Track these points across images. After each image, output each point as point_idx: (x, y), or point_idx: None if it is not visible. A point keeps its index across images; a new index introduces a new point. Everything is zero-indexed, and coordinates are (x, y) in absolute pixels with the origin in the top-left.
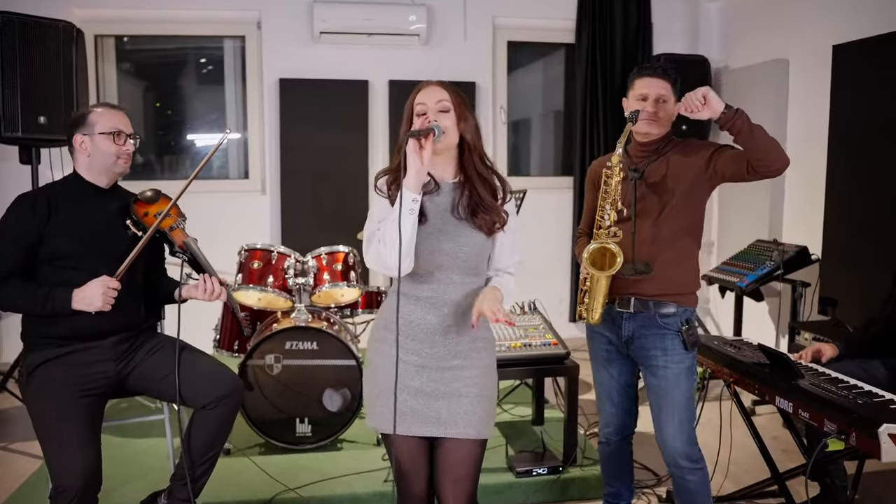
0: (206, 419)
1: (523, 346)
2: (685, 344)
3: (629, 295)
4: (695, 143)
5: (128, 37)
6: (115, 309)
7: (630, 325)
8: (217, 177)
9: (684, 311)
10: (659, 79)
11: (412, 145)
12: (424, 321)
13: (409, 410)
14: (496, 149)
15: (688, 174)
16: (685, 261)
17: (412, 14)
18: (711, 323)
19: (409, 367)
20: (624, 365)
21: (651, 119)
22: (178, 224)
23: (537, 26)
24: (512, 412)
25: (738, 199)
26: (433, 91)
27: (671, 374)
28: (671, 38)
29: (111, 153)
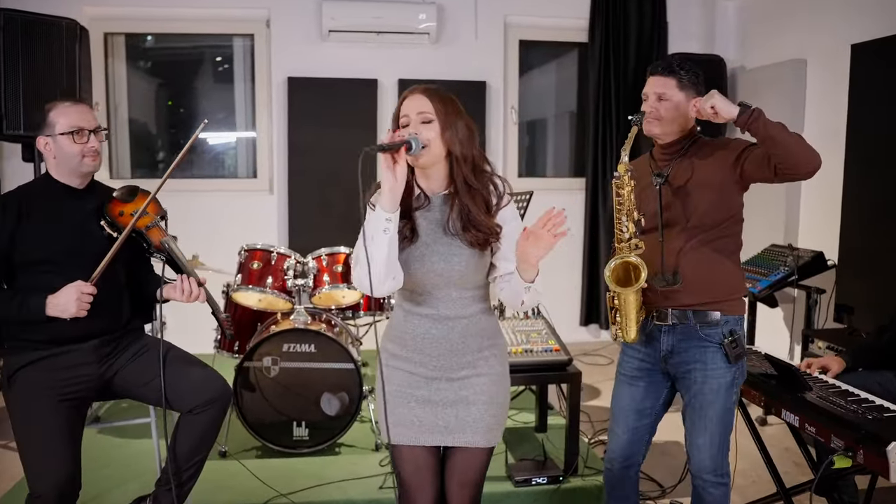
0: (193, 424)
1: (524, 351)
2: (728, 357)
3: (666, 307)
4: (721, 142)
5: (139, 35)
6: (95, 312)
7: (669, 338)
8: (226, 176)
9: (728, 320)
10: (659, 76)
11: (384, 161)
12: (429, 335)
13: (417, 419)
14: (507, 149)
15: (716, 176)
16: (722, 265)
17: (422, 12)
18: None
19: (418, 378)
20: (652, 386)
21: (653, 118)
22: (156, 222)
23: (550, 25)
24: (515, 418)
25: (753, 202)
26: (416, 100)
27: (708, 389)
28: (687, 37)
29: (74, 153)
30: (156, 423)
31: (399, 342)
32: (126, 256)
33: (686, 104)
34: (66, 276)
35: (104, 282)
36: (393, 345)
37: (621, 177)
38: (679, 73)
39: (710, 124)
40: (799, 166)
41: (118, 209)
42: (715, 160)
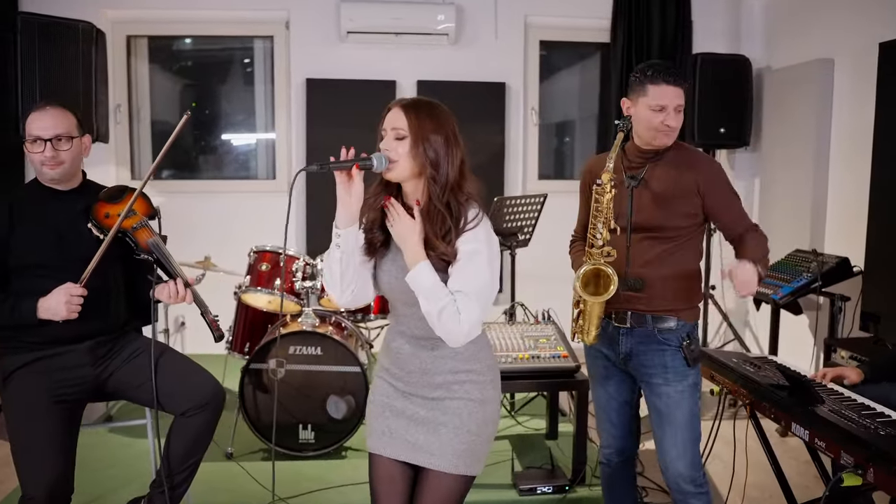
0: (186, 426)
1: (531, 357)
2: (687, 360)
3: (625, 310)
4: (693, 155)
5: (162, 38)
6: (87, 314)
7: (628, 340)
8: (246, 177)
9: (684, 325)
10: (678, 87)
11: (338, 177)
12: (402, 352)
13: (388, 430)
14: (527, 151)
15: (682, 185)
16: (684, 274)
17: (441, 13)
18: (750, 336)
19: (397, 391)
20: (622, 382)
21: (670, 133)
22: (143, 223)
23: (571, 25)
24: (526, 424)
25: (777, 206)
26: (392, 115)
27: (673, 391)
28: (712, 37)
29: (35, 161)
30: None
31: (386, 354)
32: (119, 258)
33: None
34: (57, 279)
35: (95, 283)
36: (383, 356)
37: (604, 185)
38: (686, 82)
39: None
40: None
41: (104, 210)
42: (686, 173)
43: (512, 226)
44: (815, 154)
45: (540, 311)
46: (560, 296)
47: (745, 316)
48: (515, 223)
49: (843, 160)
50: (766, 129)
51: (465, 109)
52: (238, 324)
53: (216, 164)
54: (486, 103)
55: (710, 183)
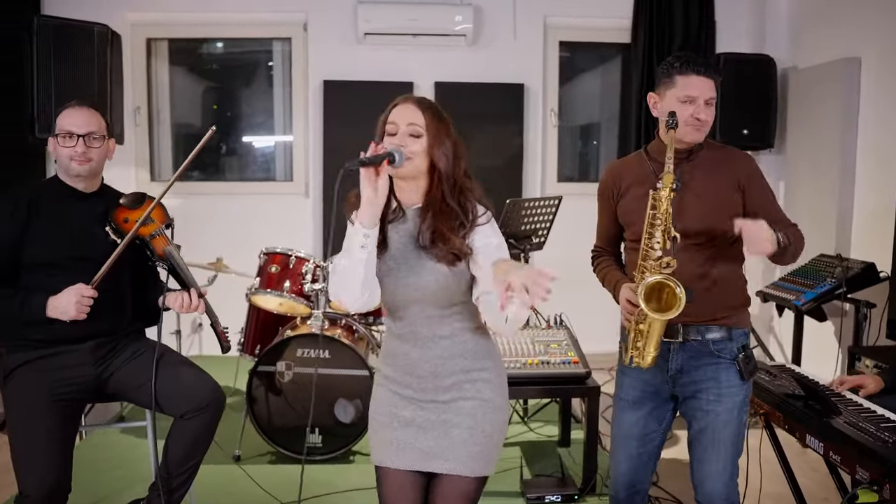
0: (185, 429)
1: (541, 363)
2: (742, 373)
3: (675, 323)
4: (727, 151)
5: (182, 40)
6: (95, 315)
7: (679, 356)
8: (265, 179)
9: (739, 333)
10: (709, 78)
11: (365, 175)
12: (409, 357)
13: (397, 441)
14: (546, 153)
15: (724, 185)
16: (731, 276)
17: (458, 14)
18: (774, 343)
19: (403, 399)
20: (656, 410)
21: (701, 127)
22: (160, 231)
23: (591, 26)
24: (538, 431)
25: (803, 209)
26: (407, 111)
27: (723, 408)
28: (735, 36)
29: (63, 155)
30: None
31: (389, 362)
32: (131, 262)
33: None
34: (69, 279)
35: (106, 286)
36: (384, 365)
37: (664, 188)
38: (716, 74)
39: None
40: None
41: (123, 216)
42: (722, 170)
43: (526, 228)
44: (840, 156)
45: (552, 316)
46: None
47: (769, 322)
48: (529, 226)
49: (870, 162)
50: (791, 130)
51: (483, 111)
52: (249, 325)
53: (234, 165)
54: (505, 105)
55: (750, 178)
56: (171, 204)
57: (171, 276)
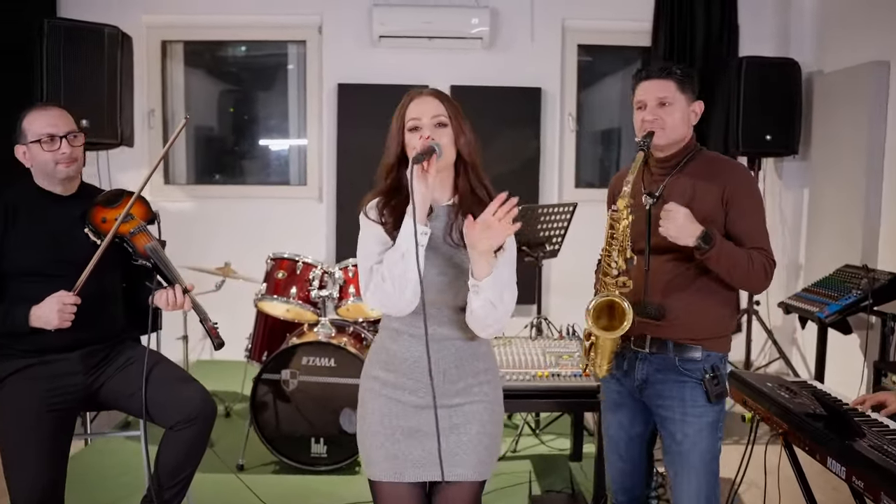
0: (176, 440)
1: (551, 375)
2: (708, 395)
3: (644, 334)
4: (717, 163)
5: (197, 42)
6: (81, 322)
7: (645, 367)
8: (279, 183)
9: (710, 356)
10: (656, 80)
11: (417, 171)
12: (421, 358)
13: (401, 454)
14: (563, 158)
15: (703, 197)
16: (712, 299)
17: (475, 17)
18: (797, 355)
19: (406, 407)
20: (635, 413)
21: (657, 127)
22: (141, 228)
23: (610, 28)
24: (550, 444)
25: (827, 218)
26: (428, 103)
27: (690, 429)
28: (759, 39)
29: (47, 160)
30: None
31: (388, 367)
32: (115, 264)
33: (687, 109)
34: (52, 286)
35: (90, 291)
36: (381, 371)
37: (620, 211)
38: (677, 75)
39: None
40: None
41: (101, 215)
42: (711, 184)
43: (539, 236)
44: (867, 162)
45: (565, 326)
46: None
47: (792, 333)
48: (543, 233)
49: None
50: (816, 136)
51: (500, 115)
52: (257, 332)
53: (249, 169)
54: (522, 109)
55: (735, 192)
56: (185, 207)
57: (157, 274)
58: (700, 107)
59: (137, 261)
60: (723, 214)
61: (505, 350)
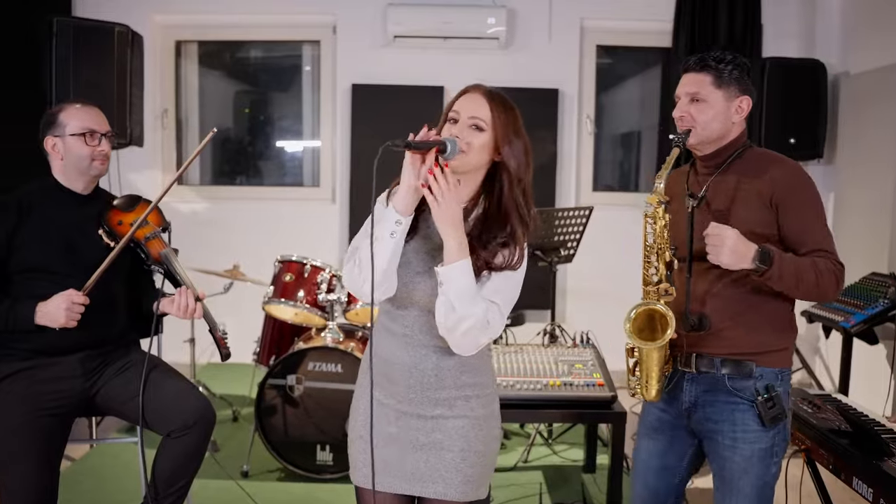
0: (173, 448)
1: (563, 384)
2: (761, 419)
3: (691, 352)
4: (766, 159)
5: (211, 42)
6: (87, 323)
7: (693, 389)
8: (290, 184)
9: (765, 373)
10: (692, 73)
11: (409, 157)
12: (400, 361)
13: (382, 462)
14: (581, 161)
15: (747, 197)
16: (764, 307)
17: (491, 16)
18: (820, 365)
19: (387, 410)
20: (673, 442)
21: (685, 125)
22: (156, 234)
23: (629, 29)
24: (563, 455)
25: (853, 225)
26: (474, 102)
27: (740, 455)
28: (783, 40)
29: (84, 155)
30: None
31: (371, 365)
32: (126, 268)
33: (726, 105)
34: (61, 285)
35: (98, 292)
36: (371, 369)
37: (654, 210)
38: (716, 68)
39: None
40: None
41: (117, 218)
42: (757, 183)
43: (554, 240)
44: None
45: (579, 334)
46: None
47: (816, 342)
48: (557, 237)
49: None
50: (842, 139)
51: None
52: (265, 335)
53: (263, 170)
54: (538, 111)
55: (787, 193)
56: (197, 208)
57: (168, 281)
58: (747, 102)
59: (150, 266)
60: (772, 215)
61: (516, 357)
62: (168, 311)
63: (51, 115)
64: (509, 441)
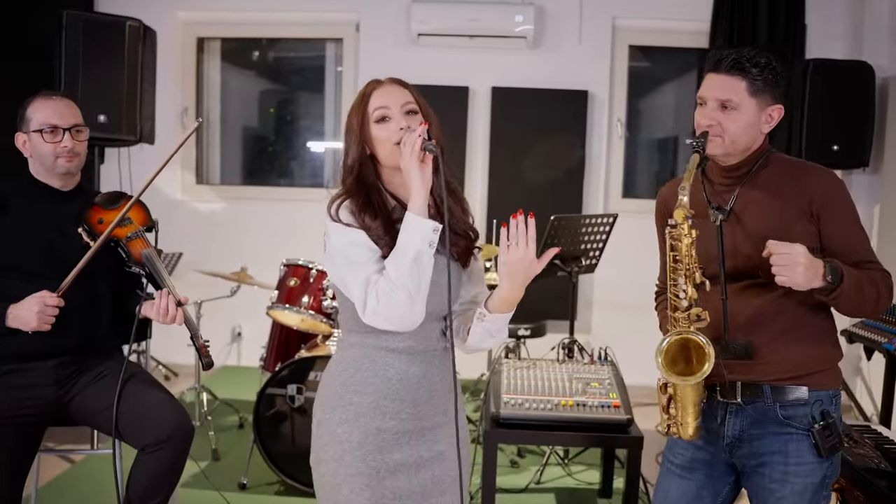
0: (147, 463)
1: (576, 404)
2: (818, 448)
3: (734, 380)
4: (800, 168)
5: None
6: (62, 327)
7: (738, 422)
8: (311, 185)
9: (819, 398)
10: (723, 75)
11: (415, 164)
12: (407, 377)
13: (389, 494)
14: (610, 166)
15: (787, 210)
16: (810, 323)
17: (519, 14)
18: (862, 388)
19: (386, 437)
20: (710, 481)
21: (714, 134)
22: (138, 233)
23: (664, 28)
24: (578, 476)
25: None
26: (395, 91)
27: (790, 490)
28: (828, 41)
29: (46, 153)
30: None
31: (367, 389)
32: (107, 268)
33: (758, 114)
34: (39, 285)
35: (75, 295)
36: (359, 395)
37: (679, 225)
38: (751, 72)
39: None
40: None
41: (98, 216)
42: (795, 192)
43: (573, 249)
44: None
45: (598, 349)
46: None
47: (857, 362)
48: (578, 246)
49: None
50: (890, 147)
51: (543, 119)
52: (272, 341)
53: (284, 170)
54: (566, 113)
55: (826, 201)
56: (215, 208)
57: (150, 284)
58: (779, 112)
59: (131, 267)
60: (813, 227)
61: (528, 374)
62: (149, 314)
63: (21, 108)
64: (523, 459)
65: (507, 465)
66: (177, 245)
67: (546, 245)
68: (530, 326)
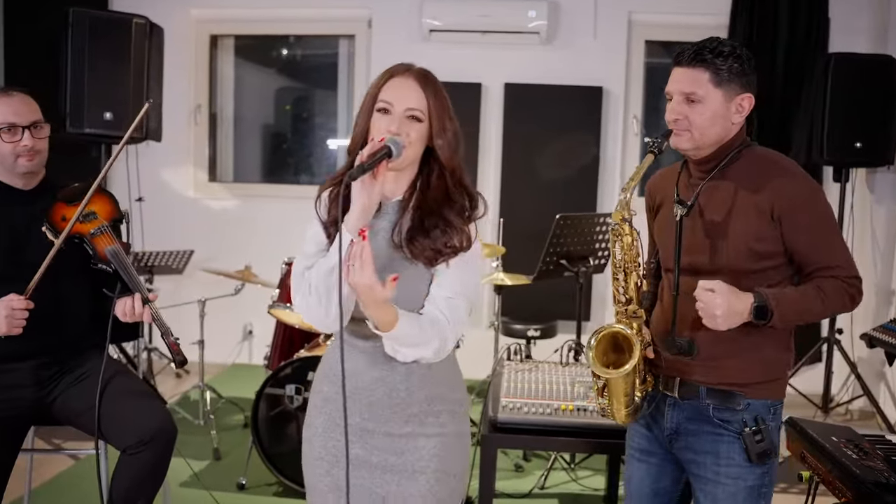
0: (129, 465)
1: (576, 409)
2: (748, 454)
3: (673, 375)
4: (769, 164)
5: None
6: (36, 329)
7: (675, 415)
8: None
9: (752, 405)
10: (687, 68)
11: (359, 182)
12: (366, 375)
13: (344, 485)
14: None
15: (745, 209)
16: (758, 336)
17: (532, 9)
18: (884, 391)
19: (352, 429)
20: (665, 464)
21: (681, 129)
22: (103, 229)
23: (681, 23)
24: (583, 482)
25: None
26: (407, 89)
27: (722, 492)
28: (852, 34)
29: (7, 153)
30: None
31: (332, 379)
32: (76, 266)
33: (725, 105)
34: (5, 289)
35: (46, 296)
36: (324, 383)
37: (618, 226)
38: (714, 63)
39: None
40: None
41: (61, 213)
42: (755, 194)
43: (580, 248)
44: None
45: None
46: None
47: (880, 367)
48: (586, 245)
49: None
50: None
51: (557, 116)
52: (276, 340)
53: (297, 168)
54: (580, 109)
55: (791, 208)
56: (226, 206)
57: (117, 279)
58: (748, 101)
59: (97, 265)
60: (775, 230)
61: (528, 377)
62: (116, 313)
63: None
64: (528, 463)
65: (511, 470)
66: (188, 243)
67: (552, 244)
68: (540, 327)
